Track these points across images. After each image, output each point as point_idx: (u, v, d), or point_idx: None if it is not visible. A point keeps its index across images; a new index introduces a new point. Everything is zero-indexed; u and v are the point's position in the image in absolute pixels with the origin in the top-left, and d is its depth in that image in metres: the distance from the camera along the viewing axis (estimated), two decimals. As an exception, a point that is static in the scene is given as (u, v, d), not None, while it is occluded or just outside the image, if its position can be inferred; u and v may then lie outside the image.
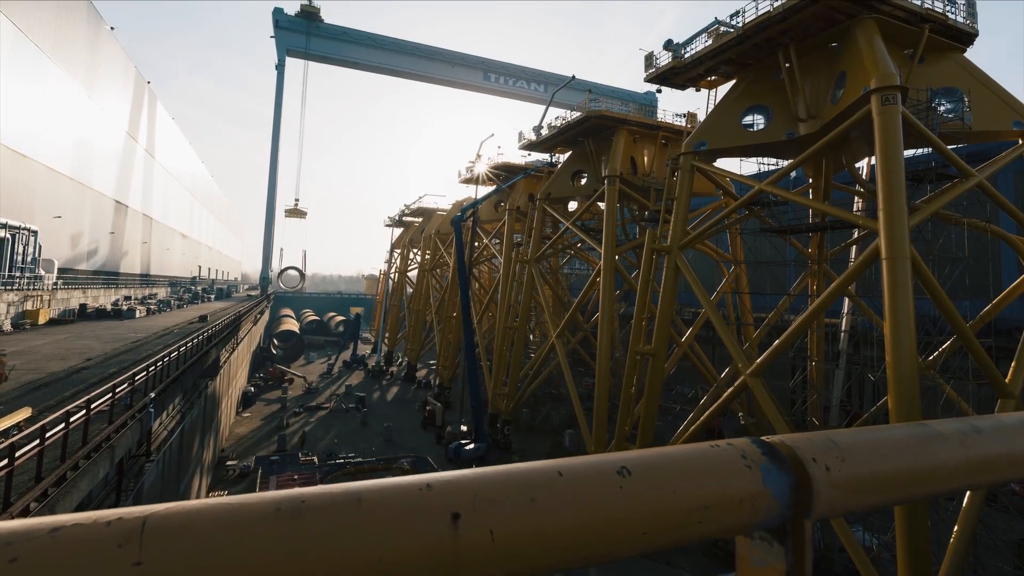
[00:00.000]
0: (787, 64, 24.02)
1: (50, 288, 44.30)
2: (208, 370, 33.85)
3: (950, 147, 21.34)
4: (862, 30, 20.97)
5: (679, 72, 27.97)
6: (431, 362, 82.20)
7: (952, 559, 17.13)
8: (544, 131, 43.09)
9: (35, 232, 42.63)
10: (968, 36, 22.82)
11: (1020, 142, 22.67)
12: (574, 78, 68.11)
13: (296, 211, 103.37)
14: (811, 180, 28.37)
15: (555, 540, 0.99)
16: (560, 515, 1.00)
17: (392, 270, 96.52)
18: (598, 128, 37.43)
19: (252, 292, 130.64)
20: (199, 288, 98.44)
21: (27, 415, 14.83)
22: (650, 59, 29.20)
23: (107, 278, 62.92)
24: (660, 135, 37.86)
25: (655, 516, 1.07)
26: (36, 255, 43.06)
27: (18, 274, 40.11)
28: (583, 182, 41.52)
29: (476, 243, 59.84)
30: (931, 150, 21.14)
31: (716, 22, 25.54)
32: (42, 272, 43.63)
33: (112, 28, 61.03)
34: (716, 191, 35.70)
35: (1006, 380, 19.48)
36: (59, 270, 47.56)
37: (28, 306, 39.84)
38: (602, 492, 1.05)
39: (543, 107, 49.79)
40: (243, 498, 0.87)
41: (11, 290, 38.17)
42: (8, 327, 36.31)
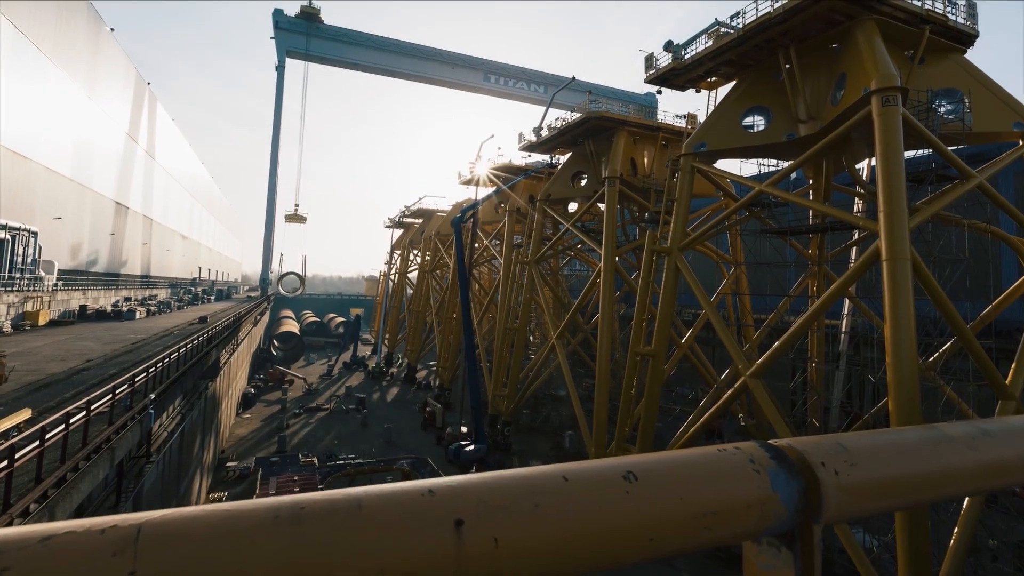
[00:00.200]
0: (787, 65, 24.01)
1: (50, 289, 44.27)
2: (208, 371, 33.83)
3: (950, 148, 21.32)
4: (862, 31, 20.96)
5: (679, 73, 27.96)
6: (431, 363, 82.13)
7: (952, 561, 17.10)
8: (544, 132, 43.08)
9: (35, 233, 42.60)
10: (968, 37, 22.81)
11: (1020, 143, 22.65)
12: (574, 79, 68.08)
13: (296, 216, 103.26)
14: (811, 181, 28.35)
15: (561, 547, 0.96)
16: (566, 522, 0.98)
17: (392, 271, 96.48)
18: (598, 129, 37.42)
19: (252, 293, 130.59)
20: (199, 289, 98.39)
21: (27, 416, 14.81)
22: (650, 60, 29.19)
23: (107, 279, 62.88)
24: (660, 136, 37.83)
25: (662, 522, 1.04)
26: (36, 256, 43.03)
27: (18, 275, 40.07)
28: (583, 183, 41.49)
29: (476, 244, 59.85)
30: (931, 151, 21.12)
31: (716, 23, 25.53)
32: (42, 273, 43.59)
33: (112, 29, 61.05)
34: (716, 192, 35.69)
35: (1006, 381, 19.45)
36: (59, 271, 47.53)
37: (28, 307, 39.81)
38: (608, 498, 1.02)
39: (543, 108, 49.77)
40: (241, 505, 0.85)
41: (11, 291, 38.14)
42: (8, 328, 36.29)
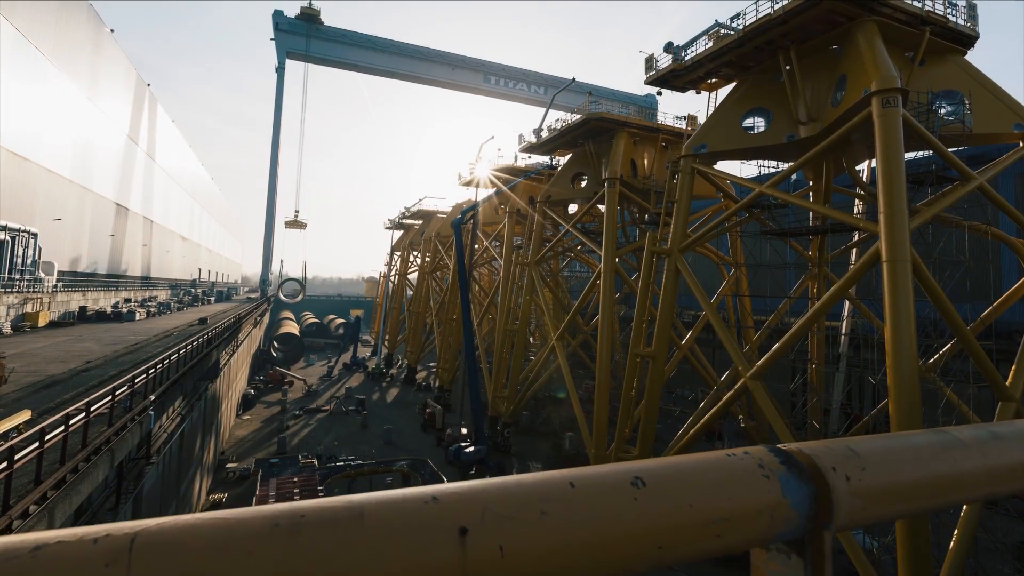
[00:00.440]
0: (788, 67, 24.00)
1: (50, 290, 44.24)
2: (208, 373, 33.80)
3: (950, 149, 21.30)
4: (863, 32, 20.95)
5: (679, 75, 27.94)
6: (431, 364, 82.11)
7: (953, 562, 17.06)
8: (544, 133, 43.04)
9: (35, 234, 42.57)
10: (969, 39, 22.81)
11: (1021, 144, 22.64)
12: (574, 80, 68.18)
13: (296, 223, 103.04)
14: (811, 183, 28.33)
15: (568, 556, 0.94)
16: (573, 529, 0.95)
17: (392, 273, 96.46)
18: (598, 130, 37.39)
19: (252, 294, 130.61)
20: (199, 291, 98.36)
21: (27, 418, 14.79)
22: (651, 61, 29.18)
23: (107, 280, 62.85)
24: (660, 138, 37.82)
25: (671, 529, 1.02)
26: (36, 257, 42.99)
27: (18, 276, 40.04)
28: (583, 184, 41.45)
29: (476, 246, 59.84)
30: (932, 152, 21.11)
31: (716, 24, 25.52)
32: (42, 274, 43.56)
33: (112, 30, 61.05)
34: (716, 194, 35.68)
35: (1007, 383, 19.43)
36: (59, 272, 47.51)
37: (28, 308, 39.78)
38: (616, 504, 0.99)
39: (543, 109, 49.78)
40: (240, 513, 0.82)
41: (11, 292, 38.11)
42: (8, 329, 36.26)
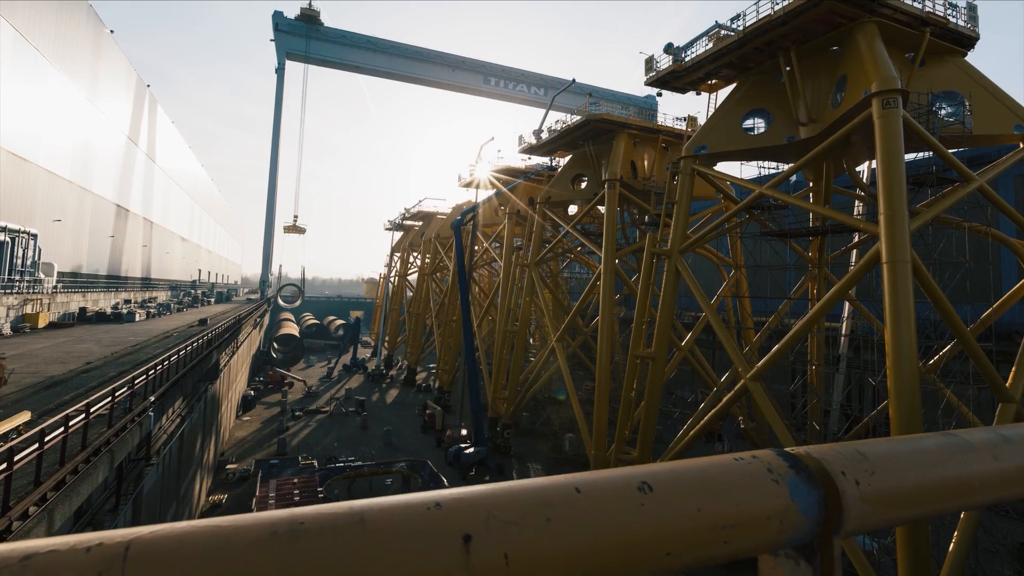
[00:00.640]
0: (788, 67, 24.00)
1: (50, 291, 44.22)
2: (208, 374, 33.77)
3: (951, 151, 21.30)
4: (863, 33, 20.95)
5: (680, 76, 27.94)
6: (431, 366, 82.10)
7: (952, 563, 17.04)
8: (544, 135, 43.04)
9: (35, 235, 42.56)
10: (969, 40, 22.82)
11: (1021, 146, 22.65)
12: (574, 81, 68.26)
13: (295, 228, 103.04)
14: (811, 184, 28.32)
15: (574, 563, 0.92)
16: (578, 536, 0.93)
17: (392, 274, 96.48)
18: (598, 132, 37.39)
19: (252, 295, 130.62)
20: (199, 291, 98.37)
21: (26, 419, 14.77)
22: (650, 63, 29.18)
23: (107, 281, 62.83)
24: (660, 139, 37.81)
25: (679, 535, 1.00)
26: (36, 258, 42.99)
27: (18, 277, 40.03)
28: (583, 186, 41.45)
29: (476, 247, 59.83)
30: (932, 154, 21.10)
31: (716, 25, 25.53)
32: (42, 275, 43.54)
33: (112, 31, 61.06)
34: (716, 195, 35.66)
35: (1007, 384, 19.42)
36: (59, 273, 47.50)
37: (28, 309, 39.77)
38: (622, 510, 0.98)
39: (543, 110, 49.80)
40: (238, 520, 0.80)
41: (11, 293, 38.09)
42: (8, 331, 36.24)
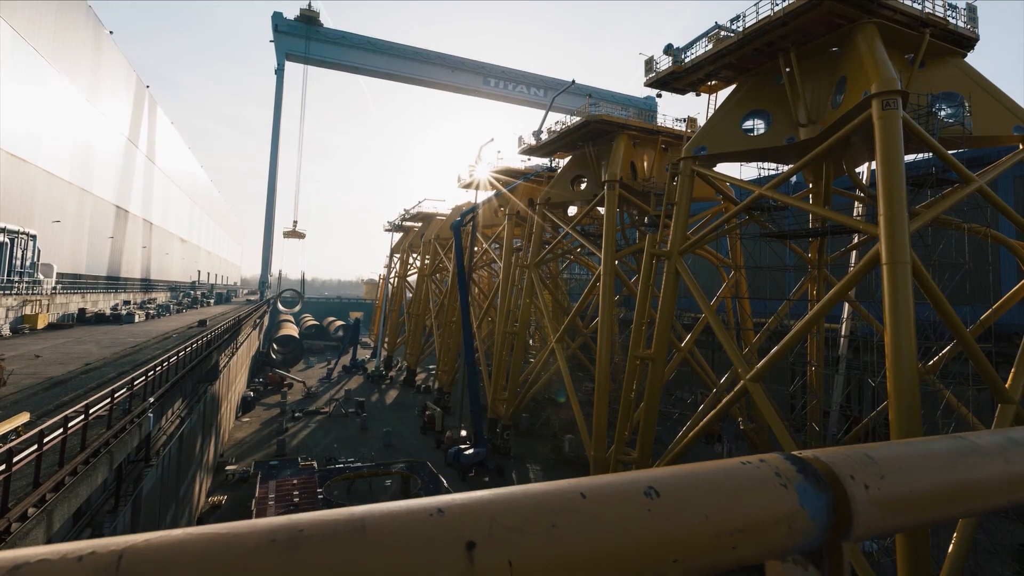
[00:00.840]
0: (788, 68, 24.00)
1: (49, 292, 44.17)
2: (207, 375, 33.73)
3: (950, 152, 21.30)
4: (863, 34, 20.96)
5: (679, 77, 27.93)
6: (430, 367, 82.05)
7: (952, 564, 17.02)
8: (544, 136, 43.03)
9: (34, 236, 42.50)
10: (969, 41, 22.83)
11: (1020, 147, 22.67)
12: (574, 82, 68.30)
13: (295, 233, 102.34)
14: (811, 185, 28.31)
15: (578, 570, 0.89)
16: (584, 542, 0.91)
17: (392, 275, 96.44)
18: (598, 133, 37.38)
19: (252, 297, 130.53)
20: (198, 293, 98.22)
21: (25, 420, 14.72)
22: (650, 64, 29.16)
23: (106, 283, 62.77)
24: (660, 140, 37.81)
25: (686, 542, 0.98)
26: (35, 259, 42.92)
27: (17, 278, 39.97)
28: (583, 187, 41.44)
29: (476, 248, 59.81)
30: (931, 155, 21.10)
31: (716, 26, 25.54)
32: (41, 276, 43.49)
33: (111, 32, 61.03)
34: (716, 196, 35.64)
35: (1006, 385, 19.42)
36: (58, 274, 47.43)
37: (27, 311, 39.70)
38: (629, 516, 0.95)
39: (543, 111, 49.80)
40: (235, 527, 0.78)
41: (10, 295, 38.04)
42: (7, 332, 36.18)
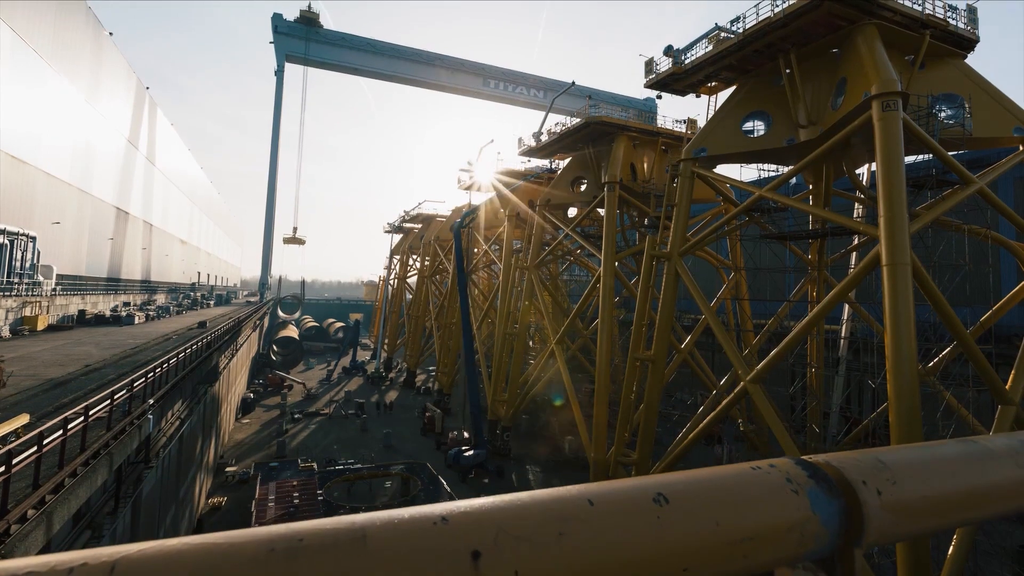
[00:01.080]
0: (788, 70, 23.99)
1: (49, 294, 44.14)
2: (207, 376, 33.68)
3: (950, 153, 21.29)
4: (863, 36, 20.95)
5: (679, 78, 27.91)
6: (430, 368, 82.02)
7: (952, 566, 17.00)
8: (544, 137, 43.01)
9: (34, 238, 42.48)
10: (969, 42, 22.82)
11: (1021, 148, 22.66)
12: (574, 84, 68.34)
13: (295, 239, 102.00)
14: (811, 186, 28.30)
15: None
16: (592, 551, 0.88)
17: (391, 276, 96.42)
18: (598, 134, 37.37)
19: (252, 298, 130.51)
20: (198, 294, 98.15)
21: (25, 421, 14.70)
22: (650, 65, 29.16)
23: (106, 284, 62.74)
24: (660, 141, 37.79)
25: (698, 550, 0.95)
26: (35, 261, 42.90)
27: (16, 280, 39.94)
28: (583, 188, 41.44)
29: (476, 249, 59.81)
30: (932, 156, 21.09)
31: (716, 28, 25.54)
32: (41, 278, 43.45)
33: (111, 33, 61.04)
34: (716, 197, 35.64)
35: (1006, 387, 19.40)
36: (58, 276, 47.40)
37: (27, 312, 39.66)
38: (638, 524, 0.92)
39: (543, 112, 49.81)
40: (231, 536, 0.76)
41: (9, 296, 38.00)
42: (7, 333, 36.14)
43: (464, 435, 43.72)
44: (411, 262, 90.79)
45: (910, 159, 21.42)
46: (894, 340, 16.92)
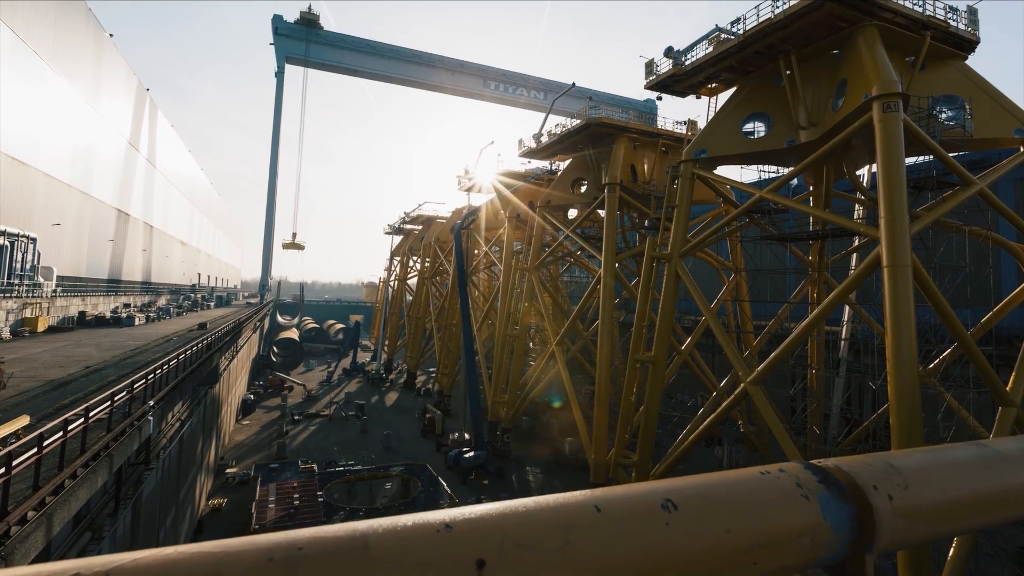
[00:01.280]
0: (788, 71, 23.98)
1: (49, 295, 44.13)
2: (208, 378, 33.65)
3: (951, 154, 21.28)
4: (864, 37, 20.95)
5: (680, 79, 27.92)
6: (431, 369, 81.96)
7: (953, 567, 16.96)
8: (544, 138, 42.99)
9: (34, 239, 42.48)
10: (969, 43, 22.83)
11: (1021, 149, 22.65)
12: (574, 85, 68.41)
13: (294, 244, 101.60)
14: (812, 188, 28.30)
15: None
16: (599, 559, 0.85)
17: (392, 278, 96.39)
18: (598, 135, 37.37)
19: (252, 299, 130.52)
20: (199, 295, 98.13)
21: (25, 423, 14.67)
22: (651, 66, 29.16)
23: (107, 285, 62.73)
24: (660, 143, 37.80)
25: (706, 557, 0.92)
26: (35, 262, 42.89)
27: (17, 281, 39.93)
28: (583, 189, 41.43)
29: (476, 251, 59.80)
30: (932, 157, 21.09)
31: (717, 29, 25.54)
32: (41, 279, 43.45)
33: (111, 35, 61.07)
34: (716, 199, 35.64)
35: (1007, 388, 19.37)
36: (58, 277, 47.40)
37: (27, 313, 39.65)
38: (646, 530, 0.90)
39: (543, 114, 49.81)
40: (228, 544, 0.74)
41: (10, 297, 37.99)
42: (7, 334, 36.13)
43: (464, 436, 43.67)
44: (411, 263, 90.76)
45: (910, 160, 21.42)
46: (895, 341, 16.91)
